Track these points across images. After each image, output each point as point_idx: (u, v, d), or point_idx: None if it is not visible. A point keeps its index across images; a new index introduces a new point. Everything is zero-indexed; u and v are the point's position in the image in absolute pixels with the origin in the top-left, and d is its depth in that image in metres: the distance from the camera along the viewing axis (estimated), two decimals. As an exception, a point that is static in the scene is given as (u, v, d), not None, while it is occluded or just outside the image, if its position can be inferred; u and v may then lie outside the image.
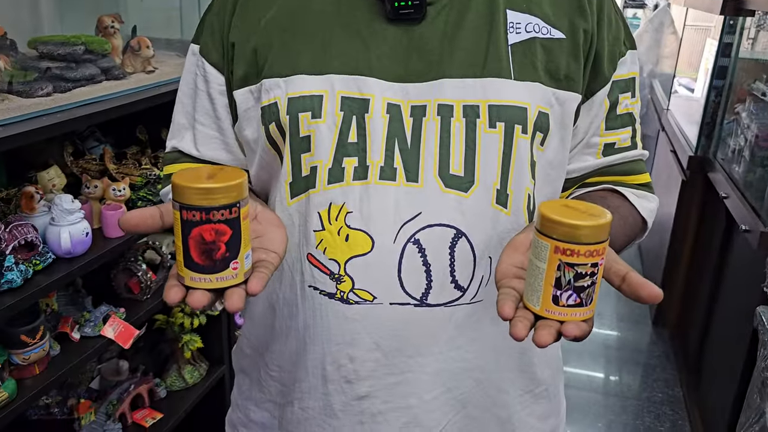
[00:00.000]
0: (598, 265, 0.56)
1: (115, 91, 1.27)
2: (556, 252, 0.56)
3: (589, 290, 0.57)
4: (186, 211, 0.55)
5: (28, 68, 1.12)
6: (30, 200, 1.19)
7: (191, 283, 0.56)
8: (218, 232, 0.55)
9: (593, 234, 0.55)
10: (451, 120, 0.71)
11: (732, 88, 2.76)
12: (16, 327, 1.14)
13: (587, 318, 0.58)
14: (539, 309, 0.58)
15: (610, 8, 0.79)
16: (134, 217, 0.59)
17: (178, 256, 0.57)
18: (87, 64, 1.20)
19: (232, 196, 0.55)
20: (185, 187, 0.54)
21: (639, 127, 0.84)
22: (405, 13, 0.73)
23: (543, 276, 0.57)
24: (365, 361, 0.75)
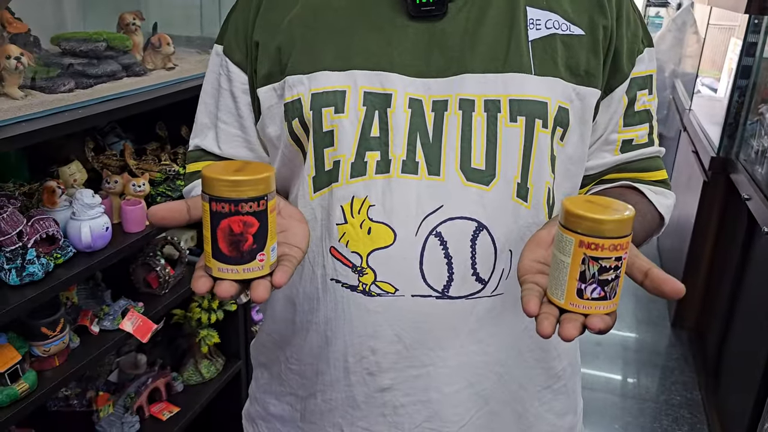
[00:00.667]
0: (622, 258, 0.57)
1: (136, 88, 1.28)
2: (580, 246, 0.57)
3: (613, 284, 0.58)
4: (215, 203, 0.56)
5: (51, 64, 1.14)
6: (51, 195, 1.21)
7: (219, 273, 0.57)
8: (246, 224, 0.56)
9: (617, 228, 0.56)
10: (472, 114, 0.72)
11: (756, 88, 2.72)
12: (37, 319, 1.16)
13: (611, 311, 0.59)
14: (564, 303, 0.59)
15: (629, 6, 0.80)
16: (162, 210, 0.61)
17: (206, 247, 0.58)
18: (108, 61, 1.21)
19: (260, 188, 0.56)
20: (215, 179, 0.55)
21: (656, 124, 0.85)
22: (426, 9, 0.73)
23: (567, 270, 0.58)
24: (387, 353, 0.76)
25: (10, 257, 1.07)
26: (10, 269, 1.07)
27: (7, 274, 1.07)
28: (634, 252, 0.62)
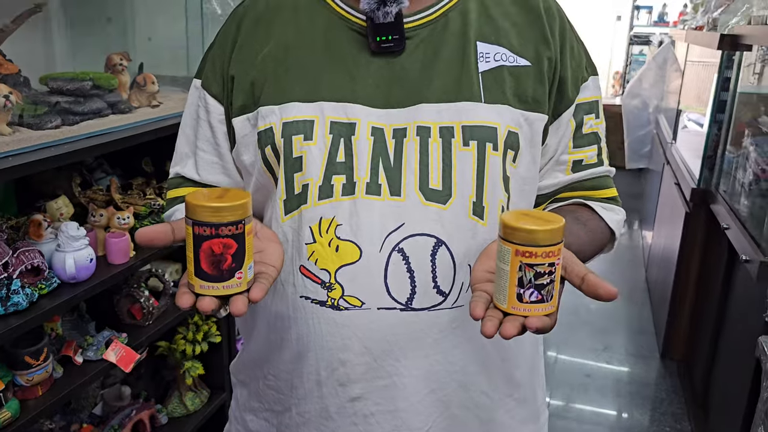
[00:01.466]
0: (555, 264, 0.63)
1: (121, 125, 1.33)
2: (517, 255, 0.63)
3: (548, 287, 0.63)
4: (198, 227, 0.62)
5: (38, 102, 1.19)
6: (38, 228, 1.25)
7: (201, 290, 0.63)
8: (225, 246, 0.62)
9: (548, 237, 0.62)
10: (428, 140, 0.78)
11: (732, 121, 2.80)
12: (20, 348, 1.19)
13: (549, 313, 0.65)
14: (506, 307, 0.65)
15: (572, 38, 0.87)
16: (149, 231, 0.67)
17: (189, 266, 0.64)
18: (95, 99, 1.27)
19: (238, 213, 0.62)
20: (197, 206, 0.61)
21: (604, 146, 0.91)
22: (386, 47, 0.80)
23: (507, 277, 0.64)
24: (356, 364, 0.80)
25: (-5, 287, 1.10)
26: (-6, 299, 1.10)
27: (-8, 304, 1.10)
28: (572, 260, 0.67)
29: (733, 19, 2.94)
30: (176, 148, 0.95)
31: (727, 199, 2.58)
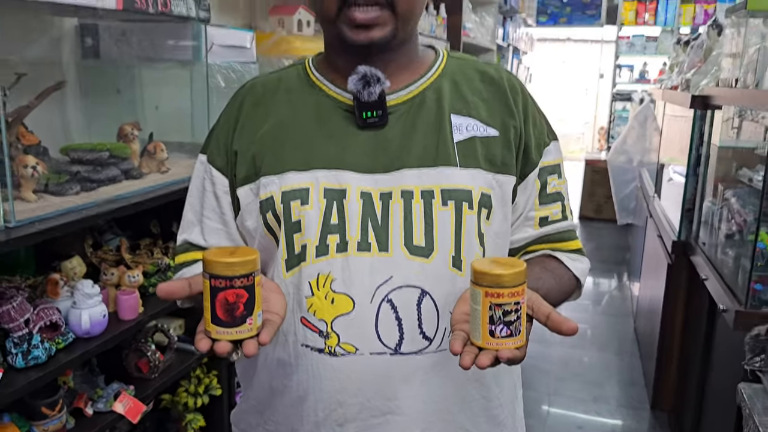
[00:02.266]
0: (520, 302, 0.73)
1: (134, 190, 1.45)
2: (486, 296, 0.72)
3: (516, 323, 0.73)
4: (214, 279, 0.71)
5: (61, 171, 1.31)
6: (55, 286, 1.34)
7: (216, 335, 0.72)
8: (238, 295, 0.71)
9: (512, 279, 0.72)
10: (411, 201, 0.89)
11: (708, 175, 2.94)
12: (37, 400, 1.27)
13: (519, 346, 0.74)
14: (481, 342, 0.74)
15: (534, 109, 0.99)
16: (169, 286, 0.76)
17: (205, 314, 0.73)
18: (110, 167, 1.39)
19: (249, 267, 0.72)
20: (214, 261, 0.71)
21: (568, 203, 1.02)
22: (372, 122, 0.91)
23: (480, 316, 0.73)
24: (351, 404, 0.89)
25: (17, 342, 1.19)
26: (17, 353, 1.19)
27: (14, 358, 1.19)
28: (539, 301, 0.78)
29: (703, 80, 3.12)
30: (183, 216, 1.04)
31: (706, 250, 2.69)
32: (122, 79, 1.82)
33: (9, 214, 1.13)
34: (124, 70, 1.78)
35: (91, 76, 1.76)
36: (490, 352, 0.73)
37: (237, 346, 0.73)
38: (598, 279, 5.31)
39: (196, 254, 1.01)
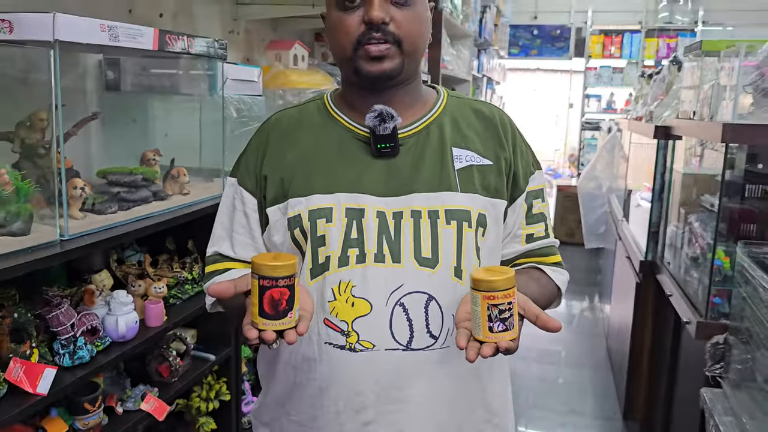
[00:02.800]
0: (512, 302, 0.89)
1: (161, 209, 1.61)
2: (484, 299, 0.89)
3: (510, 319, 0.89)
4: (262, 280, 0.87)
5: (101, 192, 1.47)
6: (91, 296, 1.49)
7: (263, 326, 0.87)
8: (282, 293, 0.87)
9: (504, 284, 0.89)
10: (420, 221, 1.06)
11: (671, 200, 3.17)
12: (80, 396, 1.41)
13: (513, 338, 0.90)
14: (482, 337, 0.90)
15: (521, 142, 1.17)
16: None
17: (253, 309, 0.88)
18: (142, 189, 1.55)
19: (291, 270, 0.88)
20: (263, 265, 0.87)
21: (550, 223, 1.20)
22: (385, 152, 1.09)
23: (480, 316, 0.89)
24: (369, 394, 1.04)
25: (64, 344, 1.34)
26: (64, 354, 1.33)
27: (62, 358, 1.33)
28: (529, 303, 0.94)
29: (665, 112, 3.37)
30: (213, 232, 1.20)
31: (671, 269, 2.92)
32: (140, 109, 1.98)
33: (63, 228, 1.29)
34: (143, 101, 1.95)
35: (111, 106, 1.92)
36: (490, 344, 0.89)
37: (279, 336, 0.89)
38: (571, 301, 5.52)
39: (226, 264, 1.16)
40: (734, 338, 2.14)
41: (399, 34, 1.03)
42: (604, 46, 8.49)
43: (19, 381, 1.21)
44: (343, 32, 1.04)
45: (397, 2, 1.03)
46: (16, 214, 1.18)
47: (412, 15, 1.05)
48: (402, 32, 1.03)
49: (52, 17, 1.18)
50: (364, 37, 1.03)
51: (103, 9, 1.92)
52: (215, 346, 1.92)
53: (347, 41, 1.04)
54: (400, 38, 1.04)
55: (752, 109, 2.36)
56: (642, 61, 8.29)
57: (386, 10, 1.02)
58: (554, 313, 1.17)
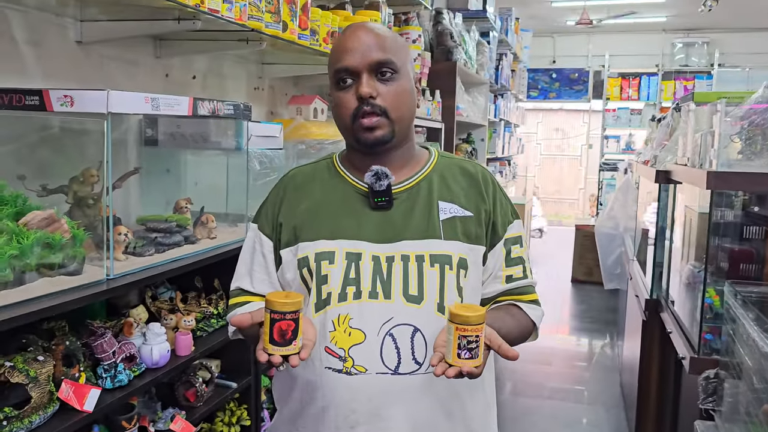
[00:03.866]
0: (479, 335, 1.07)
1: (191, 252, 1.83)
2: (457, 330, 1.07)
3: (476, 350, 1.07)
4: (273, 313, 1.06)
5: (142, 237, 1.70)
6: (130, 327, 1.71)
7: (272, 351, 1.06)
8: (288, 325, 1.06)
9: (476, 320, 1.06)
10: (408, 264, 1.25)
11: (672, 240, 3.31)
12: (118, 415, 1.61)
13: (477, 365, 1.07)
14: (451, 361, 1.07)
15: (501, 196, 1.36)
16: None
17: (264, 337, 1.07)
18: (176, 234, 1.78)
19: (297, 306, 1.07)
20: (274, 301, 1.06)
21: (528, 265, 1.36)
22: (381, 205, 1.29)
23: (452, 343, 1.07)
24: (362, 412, 1.22)
25: (106, 368, 1.55)
26: (106, 377, 1.54)
27: (104, 381, 1.54)
28: (494, 335, 1.11)
29: (668, 157, 3.52)
30: (236, 270, 1.40)
31: (671, 307, 3.05)
32: (173, 161, 2.23)
33: (109, 269, 1.52)
34: (177, 154, 2.20)
35: (148, 159, 2.17)
36: (456, 367, 1.06)
37: (284, 360, 1.07)
38: (589, 338, 5.61)
39: (246, 297, 1.36)
40: (725, 373, 2.25)
41: (385, 105, 1.25)
42: (622, 88, 8.69)
43: (69, 399, 1.42)
44: (342, 107, 1.26)
45: (383, 79, 1.25)
46: (73, 257, 1.41)
47: (396, 88, 1.26)
48: (387, 103, 1.25)
49: (106, 94, 1.43)
50: (358, 111, 1.24)
51: (143, 76, 2.19)
52: (237, 375, 2.11)
53: (346, 114, 1.26)
54: (386, 109, 1.25)
55: (740, 157, 2.53)
56: (660, 103, 8.45)
57: (373, 87, 1.24)
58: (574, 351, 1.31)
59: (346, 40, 1.27)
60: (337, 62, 1.26)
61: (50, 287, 1.37)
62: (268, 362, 1.07)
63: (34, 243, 1.31)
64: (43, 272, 1.37)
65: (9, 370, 1.30)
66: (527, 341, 1.37)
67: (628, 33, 8.78)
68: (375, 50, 1.24)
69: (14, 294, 1.30)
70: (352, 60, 1.24)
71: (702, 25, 8.39)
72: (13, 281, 1.30)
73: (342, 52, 1.25)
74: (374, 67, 1.24)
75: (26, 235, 1.31)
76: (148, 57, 2.20)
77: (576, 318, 6.20)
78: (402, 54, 1.29)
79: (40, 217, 1.35)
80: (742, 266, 2.66)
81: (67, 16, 1.87)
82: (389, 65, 1.25)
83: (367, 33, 1.26)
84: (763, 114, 2.48)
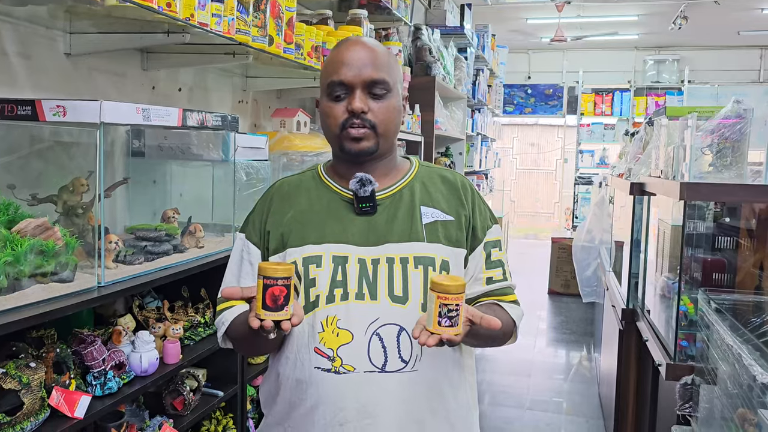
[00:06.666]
0: (459, 305, 1.11)
1: (180, 260, 1.85)
2: (438, 298, 1.10)
3: (456, 318, 1.11)
4: (265, 279, 1.09)
5: (132, 246, 1.72)
6: (119, 335, 1.72)
7: (265, 317, 1.08)
8: (281, 291, 1.09)
9: (455, 289, 1.10)
10: (393, 266, 1.29)
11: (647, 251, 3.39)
12: (107, 422, 1.62)
13: (457, 333, 1.11)
14: (432, 328, 1.11)
15: (480, 202, 1.41)
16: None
17: (257, 304, 1.09)
18: (165, 243, 1.80)
19: (288, 272, 1.09)
20: (267, 267, 1.09)
21: (507, 268, 1.42)
22: (365, 210, 1.33)
23: (433, 312, 1.11)
24: (350, 409, 1.25)
25: (96, 376, 1.56)
26: (96, 384, 1.55)
27: (94, 389, 1.55)
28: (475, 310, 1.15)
29: (642, 170, 3.62)
30: (225, 277, 1.43)
31: (650, 316, 3.12)
32: (160, 172, 2.25)
33: (100, 277, 1.54)
34: (163, 165, 2.22)
35: (135, 170, 2.18)
36: (436, 335, 1.10)
37: (275, 327, 1.09)
38: (566, 350, 5.69)
39: (232, 303, 1.38)
40: (700, 378, 2.32)
41: (374, 121, 1.30)
42: (596, 104, 8.88)
43: (60, 406, 1.42)
44: (332, 117, 1.31)
45: (374, 96, 1.30)
46: (65, 265, 1.43)
47: (386, 106, 1.32)
48: (377, 120, 1.30)
49: (99, 105, 1.45)
50: (347, 122, 1.29)
51: (131, 88, 2.22)
52: (223, 384, 2.13)
53: (335, 124, 1.31)
54: (375, 124, 1.30)
55: (711, 169, 2.62)
56: (632, 118, 8.64)
57: (365, 102, 1.29)
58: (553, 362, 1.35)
59: (343, 54, 1.31)
60: (333, 74, 1.30)
61: (44, 294, 1.38)
62: (260, 327, 1.09)
63: (28, 250, 1.32)
64: (36, 279, 1.38)
65: (1, 376, 1.31)
66: (507, 344, 1.41)
67: (601, 50, 8.99)
68: (371, 68, 1.30)
69: (9, 300, 1.31)
70: (348, 74, 1.29)
71: (672, 42, 8.64)
72: (8, 288, 1.31)
73: (338, 65, 1.30)
74: (368, 84, 1.30)
75: (20, 242, 1.33)
76: (135, 69, 2.23)
77: (554, 329, 6.27)
78: (394, 72, 1.35)
79: (33, 225, 1.37)
80: (715, 275, 2.75)
81: (57, 28, 1.89)
82: (382, 84, 1.31)
83: (365, 49, 1.32)
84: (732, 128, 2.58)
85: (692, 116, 2.45)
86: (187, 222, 2.01)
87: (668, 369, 2.52)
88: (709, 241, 2.82)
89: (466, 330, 1.14)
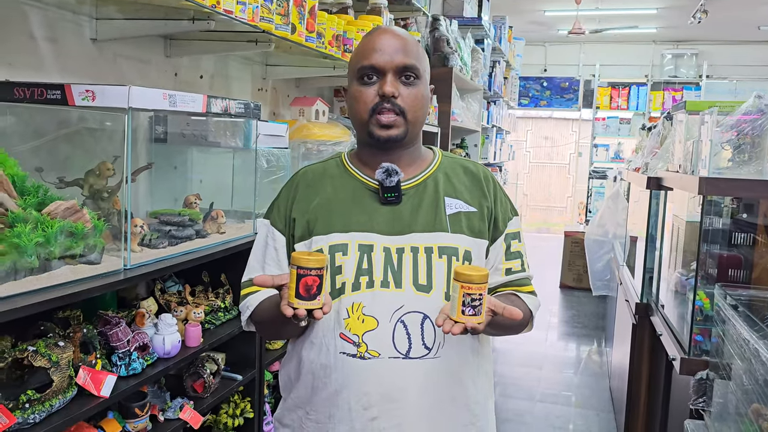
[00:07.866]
0: (482, 294, 1.13)
1: (202, 245, 1.88)
2: (461, 288, 1.12)
3: (479, 307, 1.13)
4: (300, 269, 1.11)
5: (157, 230, 1.74)
6: (142, 318, 1.75)
7: (298, 305, 1.11)
8: (314, 280, 1.11)
9: (479, 278, 1.12)
10: (418, 255, 1.31)
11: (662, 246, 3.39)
12: (131, 402, 1.65)
13: (480, 322, 1.13)
14: (455, 317, 1.13)
15: (501, 194, 1.43)
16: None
17: (290, 292, 1.11)
18: (188, 228, 1.82)
19: (321, 263, 1.12)
20: (301, 257, 1.12)
21: (526, 259, 1.44)
22: (391, 200, 1.35)
23: (456, 300, 1.13)
24: (374, 394, 1.28)
25: (121, 356, 1.59)
26: (121, 365, 1.58)
27: (119, 369, 1.58)
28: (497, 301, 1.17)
29: (659, 164, 3.61)
30: (249, 263, 1.44)
31: (662, 311, 3.12)
32: (182, 158, 2.28)
33: (126, 260, 1.56)
34: (185, 151, 2.24)
35: (157, 156, 2.21)
36: (460, 324, 1.13)
37: (308, 314, 1.12)
38: (577, 344, 5.69)
39: (257, 288, 1.39)
40: (714, 373, 2.33)
41: (404, 106, 1.31)
42: (612, 98, 8.82)
43: (86, 385, 1.46)
44: (361, 101, 1.32)
45: (405, 82, 1.32)
46: (93, 247, 1.46)
47: (416, 93, 1.33)
48: (407, 105, 1.31)
49: (127, 90, 1.47)
50: (377, 106, 1.30)
51: (154, 74, 2.24)
52: (242, 369, 2.16)
53: (364, 109, 1.32)
54: (404, 110, 1.31)
55: (730, 164, 2.61)
56: (649, 113, 8.59)
57: (396, 87, 1.30)
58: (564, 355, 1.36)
59: (375, 40, 1.33)
60: (364, 59, 1.32)
61: (72, 275, 1.41)
62: (293, 315, 1.12)
63: (58, 231, 1.35)
64: (65, 260, 1.41)
65: (32, 354, 1.34)
66: (523, 331, 1.43)
67: (618, 43, 8.92)
68: (402, 54, 1.31)
69: (40, 280, 1.34)
70: (380, 59, 1.30)
71: (691, 37, 8.56)
72: (39, 268, 1.34)
73: (370, 51, 1.32)
74: (400, 70, 1.31)
75: (50, 223, 1.36)
76: (158, 56, 2.25)
77: (565, 323, 6.27)
78: (424, 62, 1.37)
79: (63, 207, 1.40)
80: (731, 271, 2.75)
81: (83, 14, 1.91)
82: (413, 70, 1.32)
83: (396, 37, 1.34)
84: (753, 124, 2.57)
85: (712, 111, 2.44)
86: (209, 208, 2.03)
87: (683, 363, 2.53)
88: (725, 237, 2.80)
89: (488, 319, 1.16)
